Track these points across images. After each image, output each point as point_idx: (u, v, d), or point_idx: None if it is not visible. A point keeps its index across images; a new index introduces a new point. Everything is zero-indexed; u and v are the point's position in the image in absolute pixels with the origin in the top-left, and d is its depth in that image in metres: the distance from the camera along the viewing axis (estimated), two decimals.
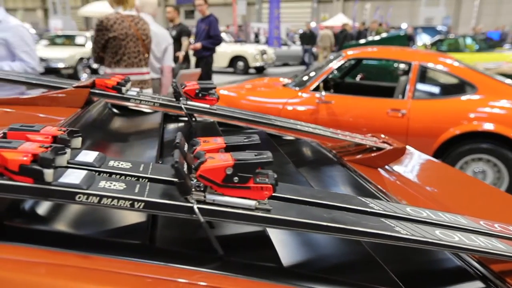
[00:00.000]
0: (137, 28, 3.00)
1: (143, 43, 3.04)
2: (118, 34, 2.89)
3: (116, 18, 2.93)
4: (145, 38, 3.07)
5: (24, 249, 0.59)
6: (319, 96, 3.87)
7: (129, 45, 2.95)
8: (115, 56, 2.96)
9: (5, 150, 0.58)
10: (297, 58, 16.37)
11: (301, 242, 0.84)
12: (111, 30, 2.89)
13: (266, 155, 0.65)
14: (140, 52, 3.03)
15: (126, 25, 2.92)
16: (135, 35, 2.97)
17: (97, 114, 1.36)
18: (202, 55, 6.27)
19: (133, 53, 2.99)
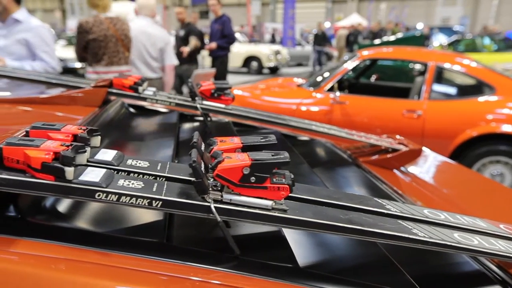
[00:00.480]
0: (116, 29, 3.16)
1: (122, 43, 3.23)
2: (97, 36, 3.10)
3: (94, 21, 3.13)
4: (124, 38, 3.24)
5: (46, 245, 0.60)
6: (334, 96, 3.85)
7: (108, 46, 3.15)
8: (96, 56, 3.15)
9: (28, 148, 0.59)
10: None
11: (317, 242, 0.83)
12: (91, 32, 3.09)
13: (283, 155, 0.65)
14: (119, 52, 3.22)
15: (105, 27, 3.12)
16: (114, 35, 3.16)
17: (115, 113, 1.38)
18: (218, 54, 6.28)
19: (112, 52, 3.18)
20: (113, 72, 3.12)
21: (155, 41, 3.60)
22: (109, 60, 3.17)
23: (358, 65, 4.34)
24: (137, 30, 3.51)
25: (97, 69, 3.17)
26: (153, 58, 3.64)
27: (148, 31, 3.54)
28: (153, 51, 3.60)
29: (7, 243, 0.58)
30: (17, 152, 0.60)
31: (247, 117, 1.48)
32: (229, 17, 6.31)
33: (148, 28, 3.55)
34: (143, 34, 3.54)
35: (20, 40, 2.58)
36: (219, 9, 6.15)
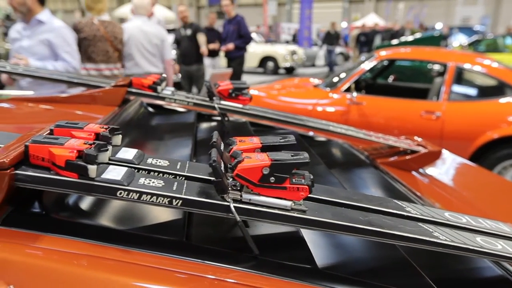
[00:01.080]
0: (106, 31, 3.44)
1: (111, 43, 3.48)
2: (87, 35, 3.34)
3: (87, 22, 3.40)
4: (113, 40, 3.50)
5: (68, 241, 0.61)
6: (350, 97, 3.82)
7: (97, 45, 3.40)
8: (85, 53, 3.38)
9: (53, 146, 0.61)
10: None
11: (335, 243, 0.83)
12: (82, 31, 3.33)
13: (302, 155, 0.65)
14: (108, 51, 3.47)
15: (95, 28, 3.38)
16: (104, 36, 3.42)
17: (134, 113, 1.40)
18: (235, 55, 6.24)
19: (101, 51, 3.43)
20: (101, 69, 3.46)
21: (151, 38, 3.81)
22: (98, 58, 3.43)
23: (375, 66, 4.29)
24: (134, 28, 3.73)
25: (86, 65, 3.41)
26: (151, 53, 3.84)
27: (143, 29, 3.76)
28: (150, 47, 3.82)
29: (33, 239, 0.60)
30: (42, 150, 0.61)
31: (264, 117, 1.48)
32: (243, 17, 6.24)
33: (144, 26, 3.78)
34: (139, 32, 3.75)
35: (43, 40, 2.63)
36: (232, 9, 6.10)
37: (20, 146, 0.63)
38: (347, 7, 27.35)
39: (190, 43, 5.80)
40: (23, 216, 0.65)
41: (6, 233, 0.59)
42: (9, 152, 0.61)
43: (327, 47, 14.10)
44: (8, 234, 0.59)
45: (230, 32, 6.16)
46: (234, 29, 6.10)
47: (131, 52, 3.72)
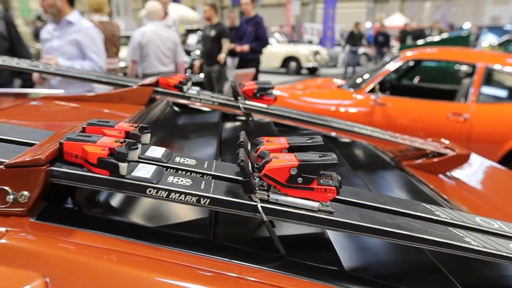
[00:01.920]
0: (106, 30, 3.78)
1: (110, 41, 3.87)
2: None
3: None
4: (112, 37, 3.91)
5: (99, 236, 0.63)
6: (375, 98, 3.76)
7: None
8: None
9: (86, 144, 0.62)
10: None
11: (361, 246, 0.82)
12: None
13: (330, 156, 0.65)
14: (107, 48, 3.72)
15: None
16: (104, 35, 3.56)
17: (160, 112, 1.42)
18: (250, 58, 5.98)
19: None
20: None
21: (166, 42, 4.26)
22: None
23: (400, 66, 4.21)
24: (151, 33, 4.18)
25: None
26: (165, 56, 4.28)
27: (159, 33, 4.20)
28: (164, 49, 4.25)
29: (66, 233, 0.61)
30: (76, 147, 0.63)
31: (289, 118, 1.47)
32: (262, 18, 6.08)
33: (159, 31, 4.22)
34: (156, 36, 4.19)
35: (72, 41, 2.70)
36: (251, 8, 5.93)
37: (54, 144, 0.65)
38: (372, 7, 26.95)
39: (213, 44, 5.78)
40: (57, 211, 0.67)
41: (41, 227, 0.61)
42: (45, 149, 0.63)
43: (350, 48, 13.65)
44: (43, 228, 0.61)
45: (248, 33, 5.98)
46: (252, 30, 5.93)
47: (148, 54, 4.15)
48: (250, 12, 5.92)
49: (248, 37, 5.93)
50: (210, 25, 5.90)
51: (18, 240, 0.58)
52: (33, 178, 0.60)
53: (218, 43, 5.77)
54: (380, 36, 13.72)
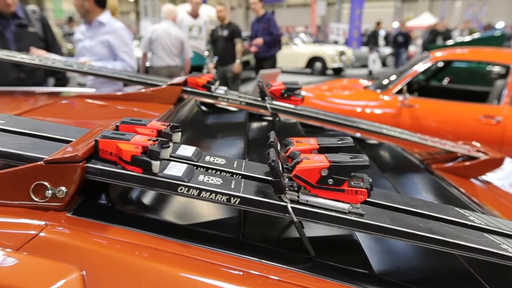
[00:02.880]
0: None
1: None
2: None
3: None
4: None
5: (131, 232, 0.64)
6: (402, 99, 3.69)
7: None
8: None
9: (120, 142, 0.64)
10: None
11: (391, 249, 0.80)
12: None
13: (362, 158, 0.64)
14: None
15: None
16: None
17: (189, 111, 1.43)
18: (266, 55, 5.90)
19: None
20: None
21: (173, 39, 4.73)
22: None
23: (429, 67, 4.12)
24: (161, 30, 4.70)
25: None
26: (171, 51, 4.76)
27: (168, 31, 4.69)
28: (171, 46, 4.72)
29: (101, 228, 0.63)
30: (110, 145, 0.65)
31: (316, 118, 1.46)
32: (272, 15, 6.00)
33: (168, 29, 4.71)
34: (165, 34, 4.68)
35: (103, 41, 2.77)
36: (260, 7, 5.86)
37: (90, 141, 0.67)
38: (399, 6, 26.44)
39: (225, 44, 5.76)
40: (91, 207, 0.68)
41: (78, 222, 0.63)
42: (81, 146, 0.65)
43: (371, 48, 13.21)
44: (79, 223, 0.63)
45: (260, 31, 5.90)
46: (264, 27, 5.86)
47: (156, 48, 4.68)
48: (260, 11, 5.89)
49: (260, 35, 5.89)
50: (221, 25, 5.88)
51: (57, 234, 0.60)
52: (70, 174, 0.62)
53: (231, 43, 5.75)
54: (399, 36, 13.06)
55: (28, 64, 1.53)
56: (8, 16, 2.70)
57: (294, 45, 13.92)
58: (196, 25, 5.57)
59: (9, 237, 0.58)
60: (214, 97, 1.41)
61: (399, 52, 12.94)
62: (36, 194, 0.63)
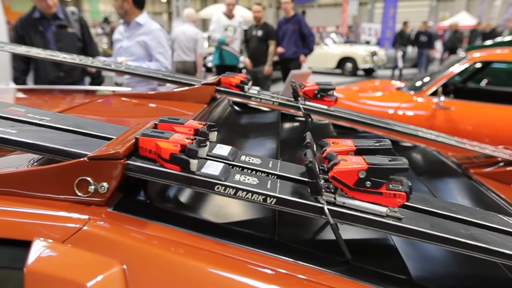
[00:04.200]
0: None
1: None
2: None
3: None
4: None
5: (169, 229, 0.65)
6: (437, 101, 3.58)
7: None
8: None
9: (159, 140, 0.65)
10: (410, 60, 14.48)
11: (429, 256, 0.78)
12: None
13: (401, 161, 0.63)
14: None
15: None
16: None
17: (222, 111, 1.45)
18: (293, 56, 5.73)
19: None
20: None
21: (188, 38, 5.53)
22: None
23: (467, 68, 3.98)
24: (179, 31, 5.56)
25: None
26: (187, 48, 5.53)
27: (185, 32, 5.52)
28: (187, 44, 5.52)
29: (139, 224, 0.65)
30: (150, 143, 0.66)
31: (350, 120, 1.44)
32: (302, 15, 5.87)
33: (186, 30, 5.53)
34: (182, 34, 5.51)
35: (140, 42, 2.83)
36: (291, 8, 5.73)
37: (130, 139, 0.69)
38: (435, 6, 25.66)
39: (259, 44, 5.74)
40: (131, 203, 0.70)
41: (118, 217, 0.65)
42: (122, 144, 0.67)
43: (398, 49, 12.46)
44: (120, 218, 0.65)
45: (289, 32, 5.69)
46: (295, 28, 5.71)
47: (175, 47, 5.50)
48: (290, 11, 5.77)
49: (290, 36, 5.75)
50: (256, 25, 5.85)
51: (99, 228, 0.62)
52: (112, 171, 0.64)
53: (265, 43, 5.72)
54: (422, 36, 12.19)
55: (70, 63, 1.58)
56: (49, 17, 2.81)
57: (325, 45, 13.78)
58: (231, 25, 5.67)
59: (55, 229, 0.61)
60: (247, 96, 1.42)
61: (421, 52, 12.31)
62: (79, 189, 0.66)
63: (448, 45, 12.90)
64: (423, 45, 12.15)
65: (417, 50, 12.44)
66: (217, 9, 17.85)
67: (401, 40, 12.38)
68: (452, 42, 12.81)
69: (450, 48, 12.74)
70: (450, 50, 12.70)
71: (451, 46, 12.72)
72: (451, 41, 12.84)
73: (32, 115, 0.81)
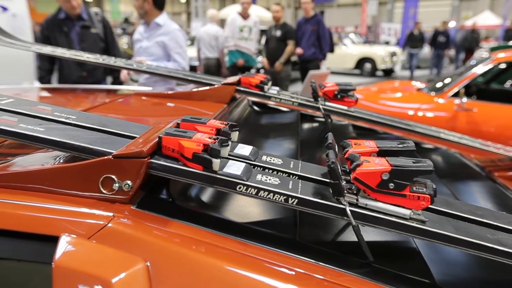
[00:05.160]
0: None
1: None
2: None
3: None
4: None
5: (191, 228, 0.66)
6: (459, 102, 3.51)
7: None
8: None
9: (182, 139, 0.66)
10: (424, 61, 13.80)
11: (453, 260, 0.77)
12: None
13: (426, 163, 0.62)
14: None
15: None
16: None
17: (242, 111, 1.45)
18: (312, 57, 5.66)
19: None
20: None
21: (211, 36, 5.99)
22: None
23: (491, 69, 3.88)
24: (202, 31, 6.12)
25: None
26: (211, 46, 6.00)
27: (207, 31, 6.03)
28: (210, 42, 5.99)
29: (162, 222, 0.65)
30: (173, 142, 0.67)
31: (370, 121, 1.43)
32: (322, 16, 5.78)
33: (208, 29, 6.04)
34: (205, 33, 6.03)
35: (159, 42, 2.87)
36: (311, 8, 5.64)
37: (153, 137, 0.70)
38: (457, 5, 25.14)
39: (277, 44, 5.70)
40: (153, 201, 0.71)
41: (141, 215, 0.66)
42: (146, 143, 0.68)
43: (409, 50, 11.91)
44: (143, 216, 0.66)
45: (308, 32, 5.61)
46: (314, 29, 5.62)
47: (201, 46, 6.08)
48: (310, 11, 5.67)
49: (310, 36, 5.66)
50: (275, 25, 5.80)
51: (123, 225, 0.63)
52: (136, 169, 0.65)
53: (284, 43, 5.68)
54: (440, 36, 11.63)
55: (93, 63, 1.61)
56: (73, 18, 2.87)
57: (343, 45, 13.66)
58: (246, 26, 5.63)
59: (81, 225, 0.62)
60: (267, 97, 1.42)
61: (439, 54, 11.78)
62: (104, 186, 0.67)
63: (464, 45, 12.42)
64: (440, 45, 11.67)
65: (434, 51, 11.95)
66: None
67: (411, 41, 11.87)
68: (468, 42, 12.35)
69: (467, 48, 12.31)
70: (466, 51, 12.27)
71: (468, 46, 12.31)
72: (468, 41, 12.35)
73: (58, 114, 0.83)
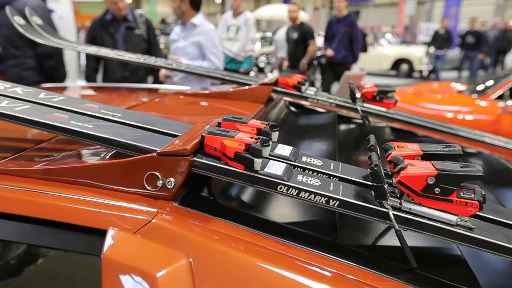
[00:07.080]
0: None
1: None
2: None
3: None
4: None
5: (231, 226, 0.66)
6: (503, 105, 3.37)
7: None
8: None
9: (224, 138, 0.67)
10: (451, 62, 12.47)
11: (501, 270, 0.74)
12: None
13: (474, 168, 0.59)
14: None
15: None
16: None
17: (279, 111, 1.45)
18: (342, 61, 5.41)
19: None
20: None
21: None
22: None
23: None
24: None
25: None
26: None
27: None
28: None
29: (203, 220, 0.66)
30: (215, 141, 0.68)
31: (410, 123, 1.39)
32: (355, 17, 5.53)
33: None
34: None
35: (194, 42, 2.92)
36: (344, 7, 5.35)
37: (196, 136, 0.71)
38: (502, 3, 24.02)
39: (296, 47, 5.52)
40: (195, 198, 0.73)
41: (184, 212, 0.67)
42: (189, 141, 0.69)
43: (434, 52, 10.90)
44: (185, 213, 0.67)
45: (340, 33, 5.34)
46: (346, 30, 5.31)
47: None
48: (343, 11, 5.39)
49: (342, 38, 5.38)
50: (292, 26, 5.56)
51: (167, 221, 0.64)
52: (179, 167, 0.67)
53: (303, 45, 5.47)
54: (469, 36, 10.80)
55: (135, 62, 1.67)
56: (119, 19, 2.98)
57: (379, 46, 13.37)
58: (234, 24, 4.74)
59: (127, 220, 0.64)
60: (304, 97, 1.41)
61: (469, 55, 10.95)
62: (148, 183, 0.69)
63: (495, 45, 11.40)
64: (469, 46, 10.81)
65: (463, 53, 11.15)
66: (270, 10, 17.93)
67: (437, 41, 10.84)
68: (500, 42, 11.35)
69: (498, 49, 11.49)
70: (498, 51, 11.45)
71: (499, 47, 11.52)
72: (499, 41, 11.34)
73: (105, 111, 0.86)
